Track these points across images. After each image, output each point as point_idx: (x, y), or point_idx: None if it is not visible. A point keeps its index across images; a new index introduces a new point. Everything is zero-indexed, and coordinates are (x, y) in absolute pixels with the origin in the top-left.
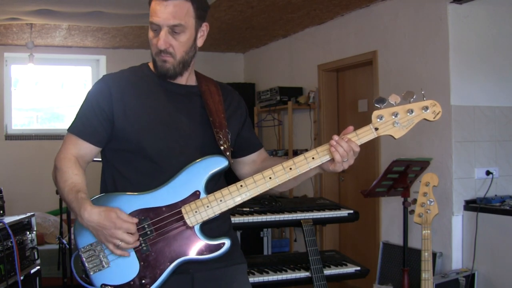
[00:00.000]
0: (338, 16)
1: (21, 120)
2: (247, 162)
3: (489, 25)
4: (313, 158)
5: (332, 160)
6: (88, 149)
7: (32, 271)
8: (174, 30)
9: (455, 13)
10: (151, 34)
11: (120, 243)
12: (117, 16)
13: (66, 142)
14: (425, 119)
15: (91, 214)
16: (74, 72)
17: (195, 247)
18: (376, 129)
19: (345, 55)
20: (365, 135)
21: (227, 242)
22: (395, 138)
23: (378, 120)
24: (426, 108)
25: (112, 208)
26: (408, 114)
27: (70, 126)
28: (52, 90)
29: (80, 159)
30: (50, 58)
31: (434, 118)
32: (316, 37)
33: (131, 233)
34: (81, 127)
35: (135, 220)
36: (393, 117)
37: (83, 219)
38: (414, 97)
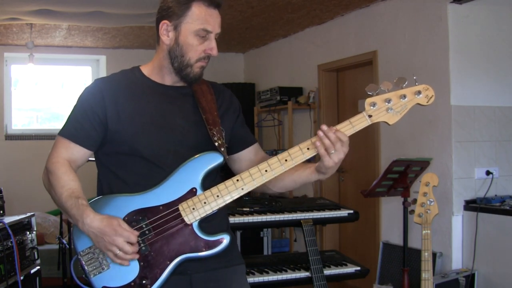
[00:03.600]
0: (338, 16)
1: (21, 120)
2: (243, 159)
3: (489, 25)
4: (308, 148)
5: None
6: (80, 153)
7: (32, 271)
8: (215, 37)
9: (455, 13)
10: (196, 40)
11: (118, 252)
12: (117, 16)
13: (57, 146)
14: (418, 103)
15: (93, 220)
16: (74, 72)
17: (194, 244)
18: (370, 116)
19: (345, 55)
20: (359, 122)
21: (226, 238)
22: (389, 124)
23: (371, 107)
24: (418, 92)
25: (114, 216)
26: (401, 99)
27: (62, 129)
28: (52, 90)
29: (72, 163)
30: (50, 58)
31: (427, 102)
32: (316, 37)
33: (131, 243)
34: (73, 130)
35: (137, 232)
36: (386, 103)
37: (85, 225)
38: (406, 83)
